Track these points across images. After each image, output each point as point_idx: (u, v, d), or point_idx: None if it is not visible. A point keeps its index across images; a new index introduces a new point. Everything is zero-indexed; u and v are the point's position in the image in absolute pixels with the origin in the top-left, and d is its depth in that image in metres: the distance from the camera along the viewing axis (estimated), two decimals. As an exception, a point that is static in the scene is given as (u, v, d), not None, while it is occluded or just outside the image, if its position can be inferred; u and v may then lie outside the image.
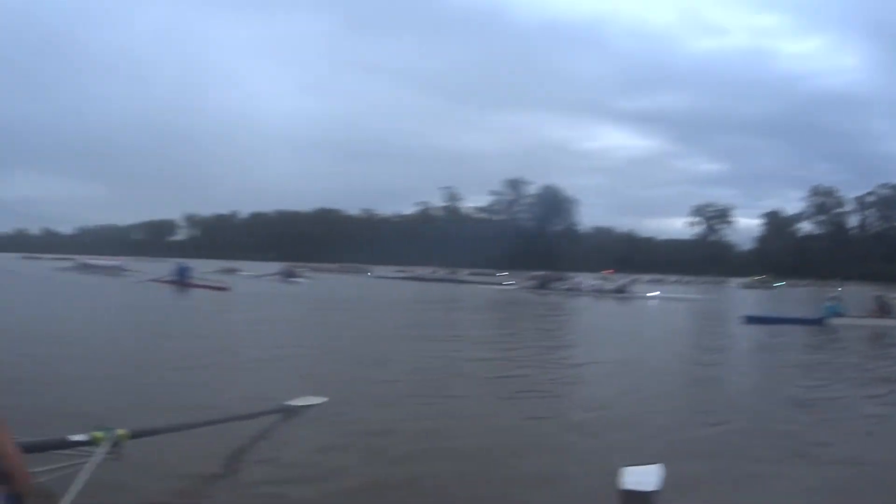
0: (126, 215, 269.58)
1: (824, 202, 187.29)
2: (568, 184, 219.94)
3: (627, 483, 6.75)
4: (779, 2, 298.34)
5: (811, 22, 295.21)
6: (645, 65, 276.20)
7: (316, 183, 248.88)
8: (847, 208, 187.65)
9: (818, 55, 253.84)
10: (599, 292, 56.75)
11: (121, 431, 6.53)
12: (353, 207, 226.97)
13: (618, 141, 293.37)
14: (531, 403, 12.43)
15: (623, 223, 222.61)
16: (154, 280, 53.52)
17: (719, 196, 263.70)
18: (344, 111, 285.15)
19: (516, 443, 9.74)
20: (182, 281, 51.13)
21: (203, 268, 66.03)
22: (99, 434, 6.36)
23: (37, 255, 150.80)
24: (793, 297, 70.05)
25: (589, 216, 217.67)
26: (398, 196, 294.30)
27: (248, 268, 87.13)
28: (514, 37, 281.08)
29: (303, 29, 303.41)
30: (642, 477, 6.86)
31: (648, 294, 57.10)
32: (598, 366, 17.63)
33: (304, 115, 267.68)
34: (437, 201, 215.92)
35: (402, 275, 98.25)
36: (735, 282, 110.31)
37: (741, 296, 71.06)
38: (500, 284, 71.02)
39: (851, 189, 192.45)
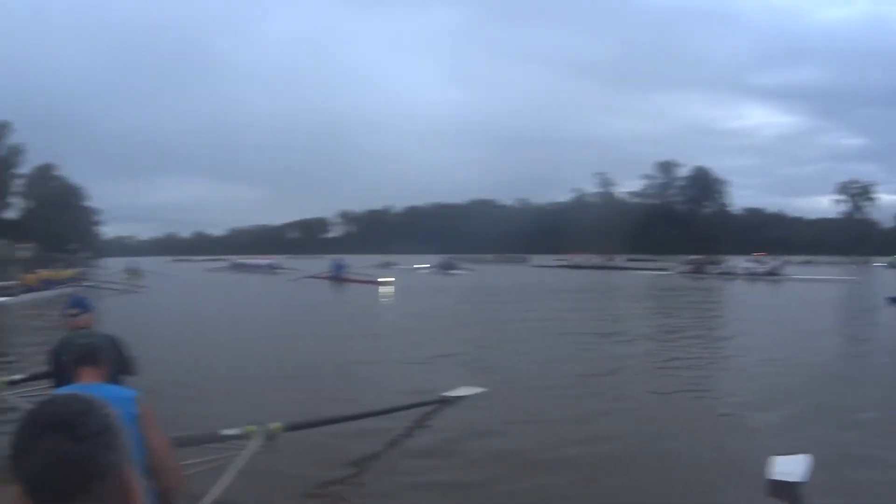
0: (278, 215, 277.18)
1: None
2: (716, 164, 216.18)
3: (776, 473, 7.10)
4: None
5: None
6: (776, 39, 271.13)
7: (469, 174, 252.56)
8: None
9: None
10: (752, 276, 56.69)
11: (274, 425, 7.02)
12: (507, 197, 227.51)
13: (762, 118, 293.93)
14: (684, 393, 12.69)
15: (770, 203, 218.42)
16: (310, 277, 55.09)
17: (861, 172, 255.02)
18: (491, 101, 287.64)
19: (668, 430, 10.01)
20: (339, 277, 52.66)
21: (360, 263, 67.13)
22: (252, 428, 6.84)
23: (187, 257, 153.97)
24: None
25: (738, 197, 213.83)
26: (552, 184, 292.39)
27: (405, 262, 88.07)
28: (650, 18, 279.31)
29: (443, 21, 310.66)
30: (791, 466, 7.14)
31: (799, 277, 55.90)
32: (752, 355, 17.10)
33: (452, 107, 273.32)
34: (591, 188, 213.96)
35: (559, 263, 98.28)
36: (880, 261, 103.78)
37: (887, 275, 68.27)
38: (656, 270, 70.79)
39: None
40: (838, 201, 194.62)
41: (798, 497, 6.71)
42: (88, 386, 3.88)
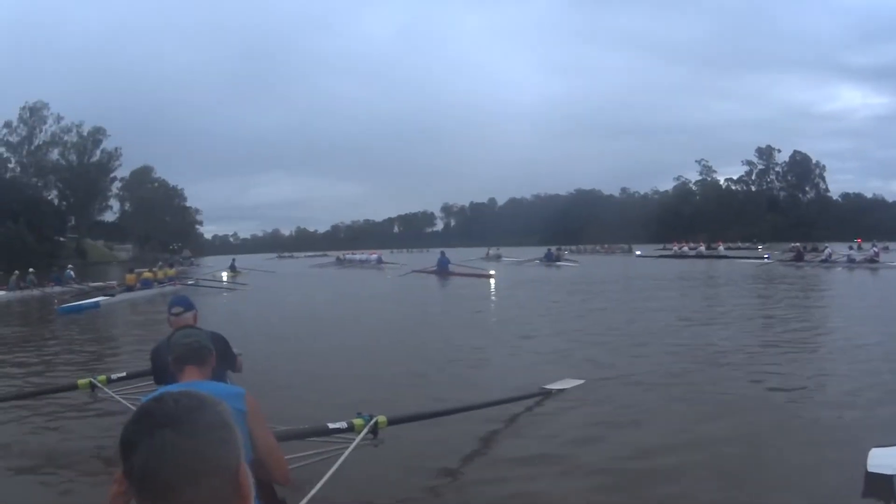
0: (381, 211, 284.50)
1: None
2: (812, 148, 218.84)
3: (875, 465, 7.02)
4: None
5: None
6: (871, 16, 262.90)
7: (571, 164, 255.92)
8: None
9: None
10: (852, 262, 56.34)
11: (380, 418, 7.06)
12: (610, 187, 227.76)
13: (856, 100, 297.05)
14: (784, 388, 12.36)
15: (869, 187, 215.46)
16: (416, 271, 55.24)
17: None
18: (587, 89, 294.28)
19: (766, 423, 9.99)
20: (444, 270, 52.83)
21: (464, 256, 67.04)
22: (358, 421, 6.91)
23: (290, 253, 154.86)
24: None
25: (836, 181, 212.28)
26: (654, 172, 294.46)
27: (509, 254, 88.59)
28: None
29: (532, 10, 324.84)
30: (891, 459, 7.01)
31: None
32: (853, 346, 16.69)
33: (550, 96, 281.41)
34: (693, 175, 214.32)
35: (662, 253, 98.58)
36: None
37: None
38: (757, 258, 70.75)
39: None
40: None
41: (890, 490, 6.63)
42: (196, 383, 4.07)
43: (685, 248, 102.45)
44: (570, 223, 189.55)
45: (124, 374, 9.98)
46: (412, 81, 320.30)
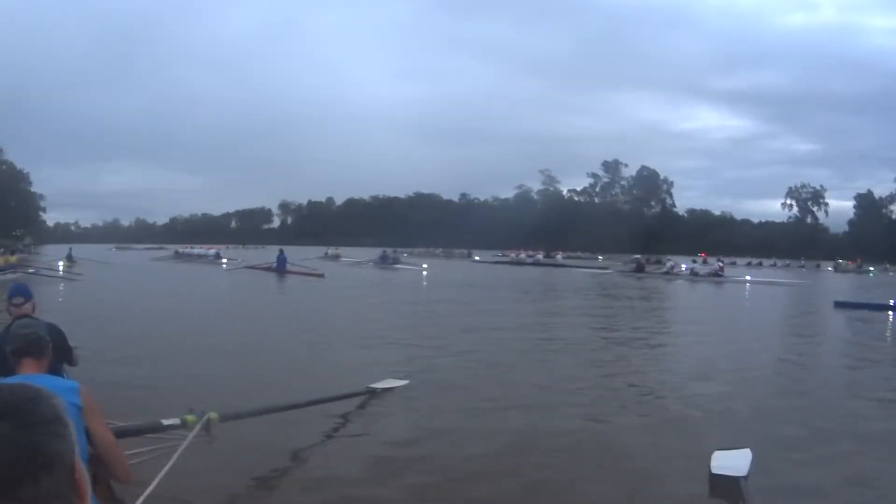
0: (220, 205, 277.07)
1: None
2: (664, 165, 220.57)
3: (718, 467, 7.34)
4: None
5: None
6: (737, 42, 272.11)
7: (413, 168, 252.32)
8: None
9: None
10: (695, 276, 56.62)
11: (212, 415, 6.97)
12: (451, 192, 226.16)
13: (713, 121, 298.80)
14: (623, 391, 12.70)
15: (718, 205, 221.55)
16: (251, 267, 54.95)
17: (813, 177, 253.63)
18: (439, 95, 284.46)
19: (606, 427, 10.17)
20: (279, 268, 51.87)
21: (301, 255, 66.20)
22: (191, 417, 6.82)
23: (129, 245, 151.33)
24: (886, 282, 68.42)
25: (685, 198, 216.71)
26: (496, 180, 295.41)
27: (347, 254, 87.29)
28: (608, 17, 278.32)
29: (394, 12, 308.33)
30: (733, 461, 7.39)
31: (743, 278, 56.27)
32: (689, 354, 17.69)
33: (400, 100, 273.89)
34: (535, 184, 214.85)
35: (500, 259, 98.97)
36: (829, 266, 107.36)
37: (834, 280, 69.65)
38: (597, 268, 71.16)
39: None
40: (788, 206, 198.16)
41: (741, 491, 6.74)
42: (32, 376, 3.85)
43: (523, 256, 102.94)
44: (409, 226, 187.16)
45: None
46: (264, 76, 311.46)
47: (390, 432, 9.67)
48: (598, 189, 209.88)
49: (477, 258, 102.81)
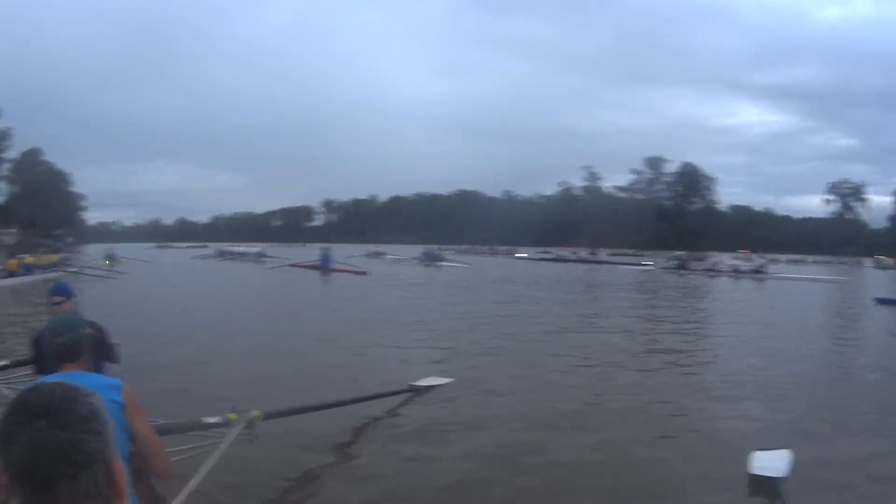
0: (263, 203, 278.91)
1: None
2: (705, 161, 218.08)
3: (757, 468, 7.35)
4: None
5: None
6: (774, 37, 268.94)
7: (455, 165, 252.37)
8: None
9: None
10: (737, 273, 56.33)
11: (255, 413, 6.97)
12: (493, 189, 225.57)
13: (753, 117, 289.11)
14: (663, 391, 12.65)
15: (760, 201, 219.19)
16: (295, 265, 55.46)
17: (852, 172, 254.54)
18: (478, 91, 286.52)
19: (647, 429, 10.00)
20: (323, 266, 52.65)
21: (345, 252, 67.09)
22: (233, 416, 6.80)
23: (170, 243, 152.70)
24: None
25: (726, 194, 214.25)
26: (539, 176, 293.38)
27: (390, 251, 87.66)
28: (645, 12, 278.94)
29: (430, 10, 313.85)
30: (772, 462, 7.41)
31: (785, 275, 55.81)
32: (732, 352, 17.53)
33: (440, 97, 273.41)
34: (578, 181, 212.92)
35: (543, 256, 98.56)
36: (869, 262, 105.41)
37: (875, 277, 68.43)
38: (640, 265, 70.86)
39: None
40: (828, 201, 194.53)
41: (780, 492, 6.76)
42: (73, 374, 3.84)
43: (567, 253, 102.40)
44: (452, 223, 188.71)
45: (7, 362, 9.01)
46: (302, 75, 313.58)
47: (433, 430, 9.77)
48: (640, 185, 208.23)
49: (520, 255, 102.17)
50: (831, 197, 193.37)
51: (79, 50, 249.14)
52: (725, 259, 67.06)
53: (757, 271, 55.94)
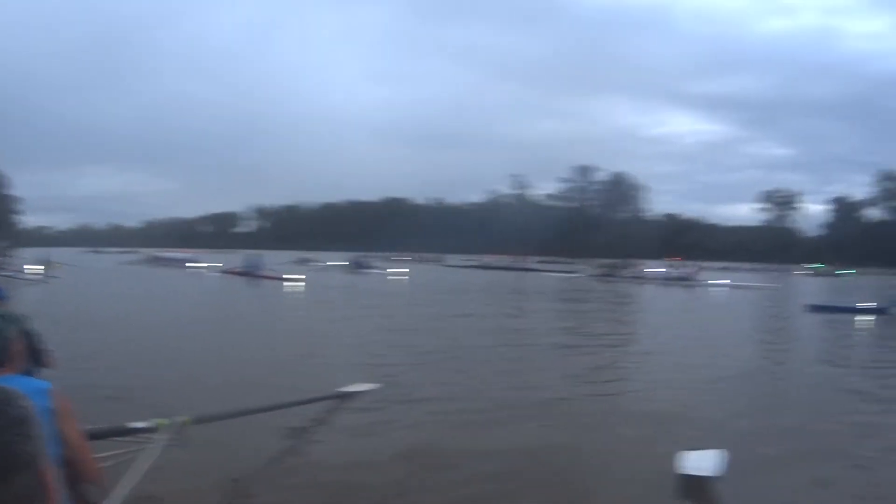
0: (193, 208, 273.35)
1: (893, 187, 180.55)
2: (637, 170, 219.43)
3: (686, 467, 7.12)
4: None
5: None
6: (714, 47, 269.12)
7: (389, 172, 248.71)
8: None
9: (889, 34, 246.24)
10: (665, 280, 56.76)
11: (183, 418, 6.85)
12: (422, 196, 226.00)
13: (687, 126, 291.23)
14: (591, 395, 12.75)
15: (692, 209, 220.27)
16: (224, 272, 55.48)
17: (788, 181, 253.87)
18: (417, 99, 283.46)
19: (575, 432, 10.16)
20: (252, 272, 52.04)
21: (274, 259, 66.56)
22: (162, 421, 6.68)
23: (101, 248, 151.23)
24: (860, 285, 67.99)
25: (658, 202, 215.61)
26: (468, 184, 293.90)
27: (319, 258, 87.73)
28: (584, 22, 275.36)
29: (373, 17, 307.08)
30: (701, 462, 7.20)
31: (714, 282, 56.57)
32: (659, 358, 17.72)
33: (378, 104, 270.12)
34: (507, 189, 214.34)
35: (472, 263, 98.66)
36: (801, 269, 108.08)
37: (807, 284, 69.99)
38: (568, 273, 70.85)
39: None
40: (762, 210, 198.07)
41: (709, 491, 6.75)
42: (2, 378, 3.37)
43: (495, 260, 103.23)
44: (382, 230, 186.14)
45: None
46: (243, 80, 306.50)
47: (361, 435, 9.86)
48: (570, 193, 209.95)
49: (449, 263, 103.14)
50: (765, 205, 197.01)
51: (25, 53, 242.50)
52: (654, 266, 67.86)
53: (686, 279, 56.44)
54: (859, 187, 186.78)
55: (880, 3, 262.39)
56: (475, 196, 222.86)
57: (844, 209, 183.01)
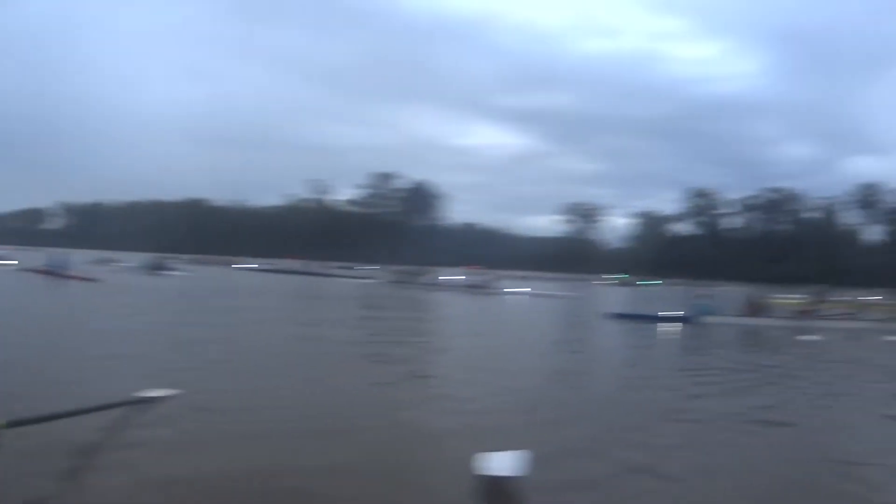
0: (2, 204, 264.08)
1: (702, 203, 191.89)
2: (441, 179, 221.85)
3: (485, 468, 7.03)
4: (680, 5, 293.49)
5: (711, 27, 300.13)
6: (528, 63, 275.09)
7: (191, 171, 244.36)
8: (728, 210, 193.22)
9: (715, 60, 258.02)
10: (461, 287, 57.22)
11: None
12: (224, 198, 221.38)
13: (494, 138, 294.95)
14: (387, 398, 12.87)
15: (496, 220, 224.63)
16: (27, 270, 53.14)
17: (596, 195, 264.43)
18: (222, 99, 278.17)
19: (374, 436, 10.14)
20: (56, 271, 50.09)
21: (77, 258, 64.20)
22: None
23: None
24: (663, 295, 71.41)
25: (462, 212, 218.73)
26: (271, 187, 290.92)
27: (123, 258, 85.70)
28: (398, 30, 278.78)
29: (186, 14, 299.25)
30: (500, 463, 7.09)
31: (511, 290, 57.45)
32: (456, 363, 17.95)
33: (186, 103, 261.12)
34: (308, 193, 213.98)
35: (270, 267, 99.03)
36: (603, 279, 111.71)
37: (609, 293, 72.23)
38: (364, 278, 71.49)
39: (736, 192, 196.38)
40: (566, 221, 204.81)
41: (508, 492, 6.77)
42: None
43: (293, 264, 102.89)
44: (181, 230, 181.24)
45: None
46: (42, 72, 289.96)
47: (158, 441, 9.44)
48: (369, 200, 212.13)
49: (247, 265, 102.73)
50: (569, 217, 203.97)
51: None
52: (452, 274, 68.66)
53: (483, 286, 56.71)
54: (667, 203, 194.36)
55: (708, 30, 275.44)
56: (277, 199, 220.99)
57: (650, 223, 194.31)
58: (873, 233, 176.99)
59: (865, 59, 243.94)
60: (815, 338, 26.50)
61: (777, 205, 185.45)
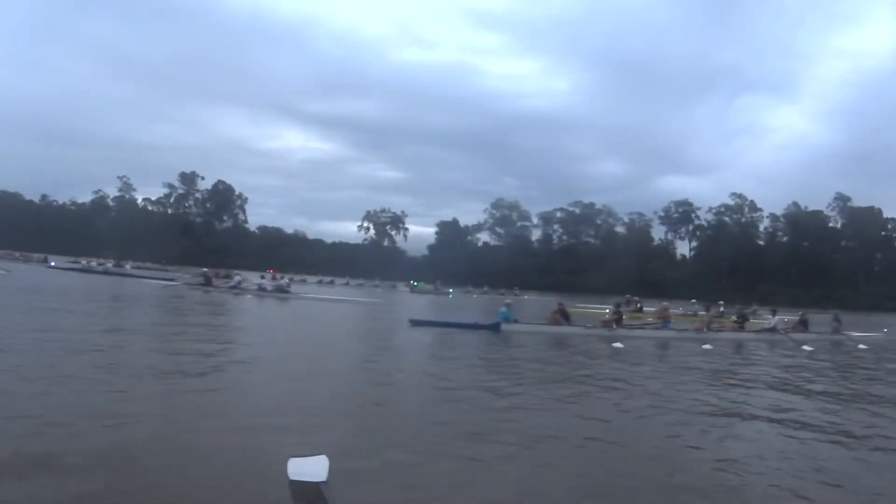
0: None
1: (507, 215, 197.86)
2: (244, 182, 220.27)
3: (295, 473, 6.58)
4: (500, 22, 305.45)
5: (529, 45, 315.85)
6: (345, 71, 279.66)
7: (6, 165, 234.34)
8: (532, 223, 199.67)
9: (530, 77, 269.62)
10: (263, 291, 58.00)
11: None
12: (33, 193, 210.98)
13: (299, 142, 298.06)
14: (187, 404, 12.49)
15: (295, 223, 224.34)
16: None
17: (398, 203, 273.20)
18: (33, 90, 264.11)
19: (176, 445, 9.81)
20: None
21: None
22: None
23: None
24: (465, 303, 73.64)
25: (262, 215, 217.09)
26: (78, 183, 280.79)
27: None
28: (220, 31, 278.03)
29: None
30: (310, 467, 6.57)
31: (314, 295, 58.43)
32: (258, 370, 17.56)
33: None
34: (113, 191, 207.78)
35: (73, 266, 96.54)
36: (404, 286, 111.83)
37: (411, 300, 72.90)
38: (165, 280, 70.00)
39: (545, 205, 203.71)
40: (365, 228, 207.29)
41: (321, 496, 5.61)
42: None
43: (94, 263, 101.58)
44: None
45: None
46: None
47: None
48: (172, 200, 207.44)
49: (52, 263, 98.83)
50: (368, 224, 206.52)
51: None
52: (251, 277, 69.03)
53: (281, 290, 57.88)
54: (471, 214, 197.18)
55: (525, 48, 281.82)
56: (83, 196, 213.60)
57: (451, 232, 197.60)
58: (685, 247, 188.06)
59: (683, 85, 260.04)
60: (618, 345, 27.36)
61: (582, 218, 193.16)
